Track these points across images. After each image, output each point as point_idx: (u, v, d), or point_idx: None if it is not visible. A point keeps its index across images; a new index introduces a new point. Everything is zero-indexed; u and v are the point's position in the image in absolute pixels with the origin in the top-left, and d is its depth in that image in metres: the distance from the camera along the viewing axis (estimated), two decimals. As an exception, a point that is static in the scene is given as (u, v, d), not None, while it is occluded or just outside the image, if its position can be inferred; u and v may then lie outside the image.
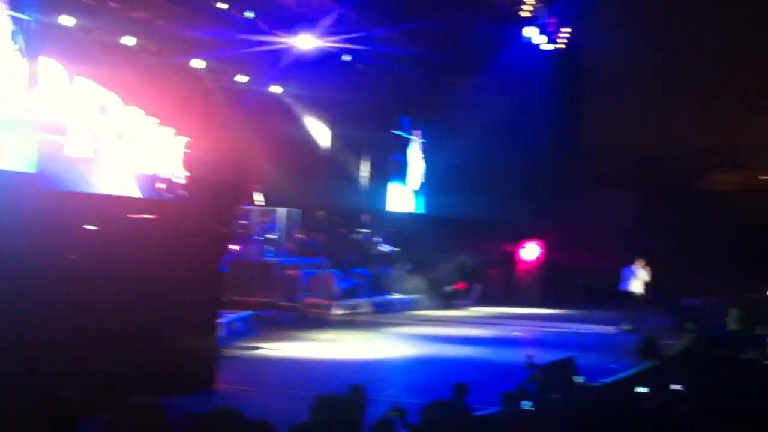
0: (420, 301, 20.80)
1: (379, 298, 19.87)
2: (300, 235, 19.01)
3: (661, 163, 35.28)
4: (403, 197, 24.03)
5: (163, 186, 16.05)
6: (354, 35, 18.49)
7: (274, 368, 12.11)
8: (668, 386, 8.72)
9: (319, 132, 21.43)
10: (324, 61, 18.91)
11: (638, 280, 17.66)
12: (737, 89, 35.29)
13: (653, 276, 17.87)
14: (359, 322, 17.61)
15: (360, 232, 21.00)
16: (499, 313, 20.44)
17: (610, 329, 17.36)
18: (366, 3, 18.39)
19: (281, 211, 18.12)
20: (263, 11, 16.76)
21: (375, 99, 21.49)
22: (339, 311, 18.29)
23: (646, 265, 17.95)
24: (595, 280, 24.88)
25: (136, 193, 15.42)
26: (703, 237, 28.41)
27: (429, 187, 24.70)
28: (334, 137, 21.39)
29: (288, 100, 20.34)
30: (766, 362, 9.06)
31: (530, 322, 18.50)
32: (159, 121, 16.16)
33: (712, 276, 23.45)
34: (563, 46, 24.61)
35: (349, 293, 19.18)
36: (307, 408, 4.81)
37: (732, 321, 15.59)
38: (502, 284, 23.16)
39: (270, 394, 10.24)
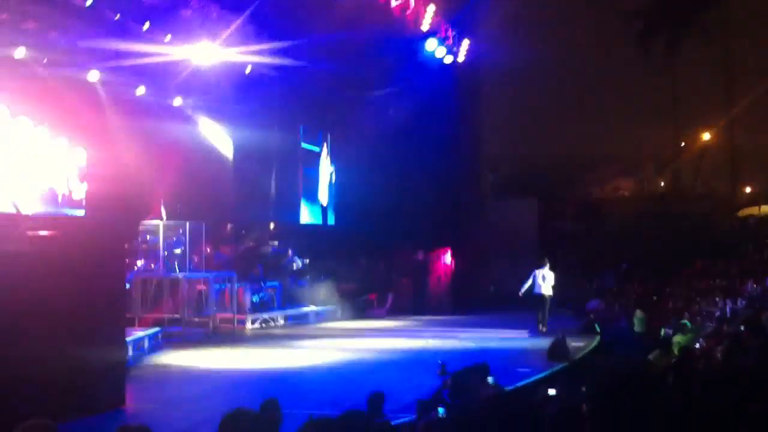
0: (333, 312, 20.71)
1: (292, 311, 19.65)
2: (208, 249, 18.67)
3: (559, 171, 36.39)
4: (313, 209, 23.92)
5: (61, 200, 15.46)
6: (257, 47, 18.29)
7: (184, 385, 11.82)
8: (578, 387, 8.92)
9: (226, 145, 21.10)
10: (228, 72, 18.64)
11: (547, 284, 17.92)
12: (631, 101, 36.79)
13: (557, 280, 18.22)
14: (271, 335, 17.38)
15: (270, 245, 20.75)
16: (412, 321, 20.55)
17: (520, 333, 17.67)
18: (269, 15, 18.20)
19: (188, 225, 17.71)
20: (161, 22, 16.36)
21: (281, 111, 21.31)
22: (250, 325, 18.02)
23: (551, 268, 18.23)
24: (502, 286, 25.38)
25: (33, 209, 14.81)
26: (600, 242, 29.38)
27: (339, 199, 24.66)
28: (241, 150, 21.07)
29: (192, 112, 19.96)
30: (672, 361, 9.36)
31: (443, 330, 18.64)
32: (50, 132, 15.55)
33: (612, 280, 24.30)
34: (463, 58, 25.03)
35: (261, 307, 18.91)
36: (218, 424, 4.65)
37: (637, 323, 16.09)
38: (414, 293, 23.30)
39: (180, 412, 9.97)
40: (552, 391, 9.16)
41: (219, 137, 20.87)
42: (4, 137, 14.52)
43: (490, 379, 10.40)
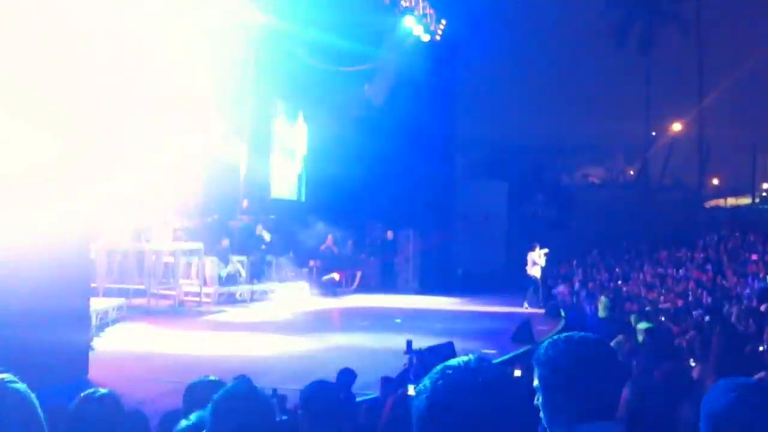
0: (300, 289, 20.66)
1: (259, 286, 19.55)
2: (175, 221, 18.44)
3: (529, 156, 36.59)
4: (284, 183, 23.80)
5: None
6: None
7: (148, 358, 11.72)
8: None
9: (196, 115, 20.77)
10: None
11: (536, 266, 18.81)
12: (604, 90, 37.03)
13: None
14: (237, 309, 17.30)
15: (238, 219, 20.59)
16: (379, 300, 20.56)
17: (487, 313, 17.86)
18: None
19: (155, 196, 17.46)
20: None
21: (254, 82, 21.16)
22: (215, 299, 17.90)
23: (539, 252, 19.57)
24: (469, 268, 25.54)
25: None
26: (570, 227, 29.64)
27: (310, 175, 24.56)
28: (211, 121, 20.78)
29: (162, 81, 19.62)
30: (635, 346, 9.46)
31: (410, 309, 18.70)
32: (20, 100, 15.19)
33: (582, 264, 24.54)
34: (439, 37, 24.97)
35: (227, 280, 18.78)
36: (180, 397, 4.59)
37: (601, 308, 16.29)
38: (382, 272, 23.33)
39: (144, 383, 9.89)
40: (518, 373, 9.23)
41: (193, 108, 20.54)
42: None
43: (455, 359, 10.45)
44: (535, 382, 2.43)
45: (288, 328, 15.22)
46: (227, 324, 15.40)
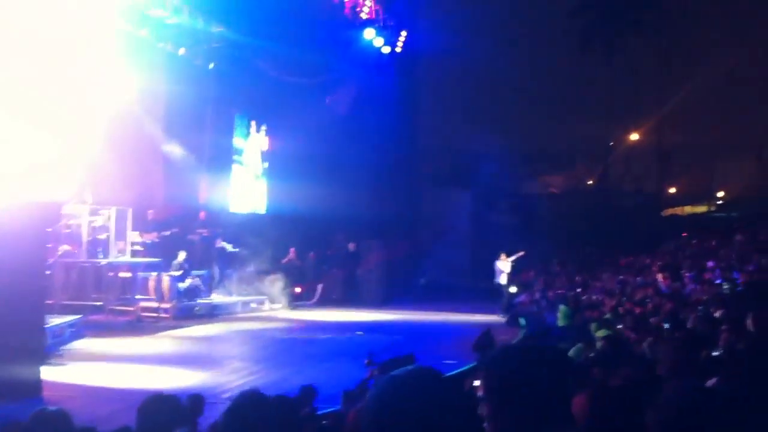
0: (261, 302, 20.50)
1: (218, 300, 19.36)
2: (133, 235, 18.18)
3: (492, 165, 36.79)
4: (244, 196, 23.62)
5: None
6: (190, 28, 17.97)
7: (104, 374, 11.53)
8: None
9: (154, 129, 20.53)
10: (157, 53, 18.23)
11: (504, 274, 19.08)
12: (565, 97, 37.36)
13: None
14: (197, 324, 17.09)
15: (198, 232, 20.37)
16: (341, 313, 20.46)
17: (456, 319, 17.96)
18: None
19: (112, 210, 17.21)
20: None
21: (213, 94, 21.02)
22: (175, 314, 17.66)
23: (505, 260, 20.22)
24: (434, 277, 25.59)
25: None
26: (531, 235, 29.79)
27: (271, 186, 24.42)
28: (170, 134, 20.56)
29: (119, 93, 19.37)
30: (591, 354, 9.49)
31: (372, 320, 18.65)
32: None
33: (543, 273, 24.69)
34: (400, 49, 25.08)
35: (186, 295, 18.56)
36: (134, 415, 4.49)
37: (561, 317, 16.32)
38: (345, 284, 23.23)
39: (99, 400, 9.73)
40: (477, 383, 9.22)
41: (148, 120, 20.30)
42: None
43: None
44: (481, 392, 2.40)
45: (247, 342, 15.09)
46: (186, 339, 15.22)
